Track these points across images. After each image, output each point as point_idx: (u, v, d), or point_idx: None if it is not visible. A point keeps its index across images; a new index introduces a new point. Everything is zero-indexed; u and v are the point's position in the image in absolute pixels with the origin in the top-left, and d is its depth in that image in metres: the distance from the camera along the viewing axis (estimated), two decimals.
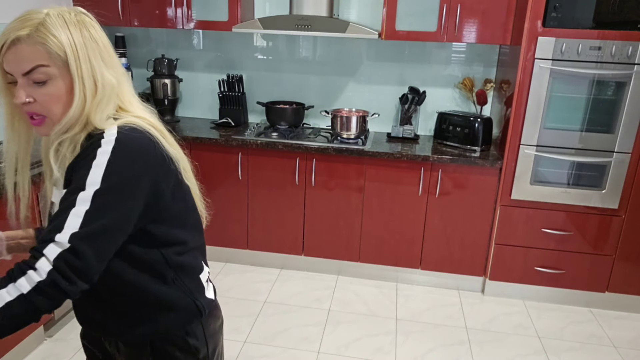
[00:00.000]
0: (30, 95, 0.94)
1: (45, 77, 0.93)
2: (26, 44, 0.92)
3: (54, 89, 0.94)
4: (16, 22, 0.94)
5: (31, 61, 0.92)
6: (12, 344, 2.19)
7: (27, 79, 0.93)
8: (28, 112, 0.96)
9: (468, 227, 2.91)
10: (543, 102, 2.62)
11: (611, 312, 2.88)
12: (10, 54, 0.92)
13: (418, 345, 2.52)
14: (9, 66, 0.93)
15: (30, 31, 0.92)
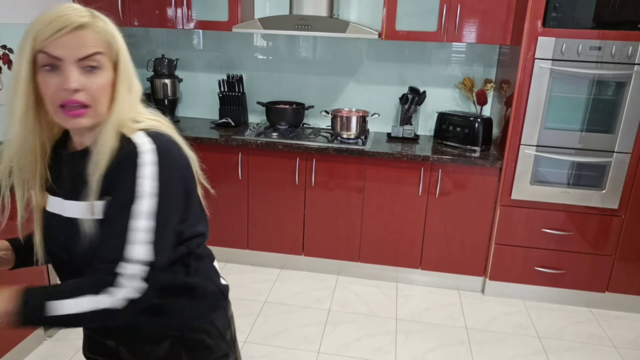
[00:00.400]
0: (81, 84, 0.90)
1: (99, 66, 0.92)
2: (90, 31, 0.91)
3: (103, 79, 0.93)
4: (68, 10, 0.90)
5: (93, 47, 0.90)
6: (12, 344, 2.19)
7: (78, 65, 0.90)
8: (71, 100, 0.89)
9: (468, 227, 2.91)
10: (543, 102, 2.62)
11: (611, 312, 2.88)
12: (71, 37, 0.88)
13: (418, 345, 2.52)
14: (62, 50, 0.88)
15: (91, 20, 0.92)
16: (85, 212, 0.95)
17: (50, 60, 0.89)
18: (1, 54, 2.62)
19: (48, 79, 0.89)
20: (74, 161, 0.99)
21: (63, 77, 0.89)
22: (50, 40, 0.88)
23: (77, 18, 0.89)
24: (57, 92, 0.89)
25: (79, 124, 0.92)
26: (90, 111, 0.92)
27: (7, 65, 2.66)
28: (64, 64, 0.89)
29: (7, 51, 2.65)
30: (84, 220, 0.95)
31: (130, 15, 3.07)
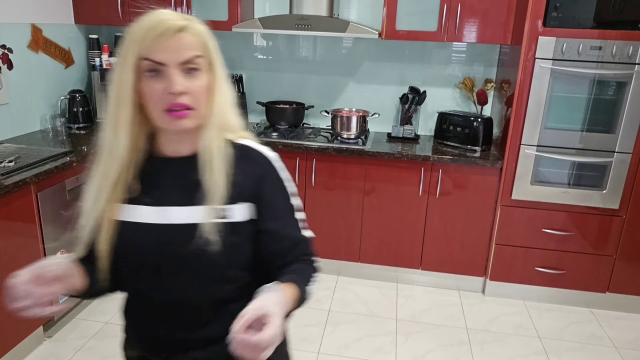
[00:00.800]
0: (185, 87, 0.91)
1: (199, 68, 0.92)
2: (189, 33, 0.91)
3: (202, 81, 0.93)
4: (166, 15, 0.92)
5: (193, 50, 0.91)
6: (12, 344, 2.18)
7: (179, 69, 0.90)
8: (177, 104, 0.90)
9: (468, 228, 2.90)
10: (543, 102, 2.62)
11: (612, 313, 2.87)
12: (172, 41, 0.89)
13: (418, 345, 2.52)
14: (164, 54, 0.89)
15: (189, 23, 0.92)
16: (207, 216, 0.94)
17: (154, 66, 0.89)
18: (1, 54, 2.61)
19: (153, 85, 0.90)
20: (180, 167, 0.99)
21: (167, 82, 0.89)
22: (153, 46, 0.89)
23: (175, 21, 0.90)
24: (162, 97, 0.90)
25: (183, 125, 0.92)
26: (194, 113, 0.93)
27: (6, 65, 2.66)
28: (167, 69, 0.89)
29: (6, 51, 2.65)
30: (205, 225, 0.94)
31: (129, 15, 3.06)
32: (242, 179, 0.97)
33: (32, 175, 2.15)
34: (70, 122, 3.05)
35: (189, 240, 0.94)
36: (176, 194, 0.98)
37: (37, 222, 2.24)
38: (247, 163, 0.99)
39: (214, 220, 0.94)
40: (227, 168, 0.96)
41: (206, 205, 0.95)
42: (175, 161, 1.00)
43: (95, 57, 3.16)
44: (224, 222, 0.95)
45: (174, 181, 0.99)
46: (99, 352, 2.36)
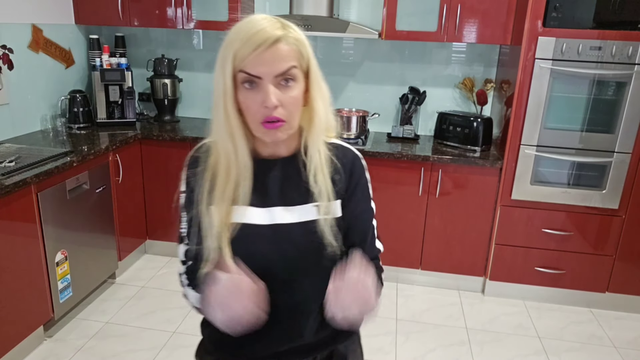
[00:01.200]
0: (278, 99, 0.90)
1: (294, 79, 0.91)
2: (284, 43, 0.89)
3: (297, 92, 0.92)
4: (264, 23, 0.89)
5: (288, 61, 0.90)
6: (12, 344, 2.19)
7: (275, 81, 0.89)
8: (271, 117, 0.90)
9: (468, 227, 2.90)
10: (543, 102, 2.62)
11: (611, 313, 2.88)
12: (267, 54, 0.88)
13: (418, 345, 2.52)
14: (260, 68, 0.88)
15: (284, 31, 0.90)
16: (317, 213, 0.98)
17: (250, 78, 0.89)
18: (1, 54, 2.62)
19: (249, 96, 0.90)
20: (282, 168, 1.01)
21: (263, 94, 0.89)
22: (249, 59, 0.88)
23: (272, 31, 0.88)
24: (259, 109, 0.90)
25: (277, 137, 0.93)
26: (286, 125, 0.92)
27: (7, 65, 2.66)
28: (262, 82, 0.89)
29: (7, 51, 2.65)
30: (319, 221, 0.98)
31: (130, 15, 3.07)
32: (338, 177, 1.01)
33: (32, 175, 2.15)
34: (70, 122, 3.05)
35: (302, 239, 0.97)
36: (282, 194, 1.00)
37: (37, 222, 2.24)
38: (342, 162, 1.02)
39: (325, 216, 0.98)
40: (330, 168, 1.00)
41: (314, 203, 0.98)
42: (275, 162, 1.01)
43: (95, 57, 3.16)
44: (330, 218, 0.99)
45: (277, 182, 1.01)
46: (99, 352, 2.36)
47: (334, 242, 0.98)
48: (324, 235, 0.97)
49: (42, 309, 2.33)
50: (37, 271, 2.27)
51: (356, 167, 1.05)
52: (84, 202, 2.57)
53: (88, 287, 2.69)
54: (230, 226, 0.97)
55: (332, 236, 0.98)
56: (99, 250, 2.75)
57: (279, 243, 0.98)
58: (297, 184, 0.99)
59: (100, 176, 2.68)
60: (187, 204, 1.03)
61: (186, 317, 2.63)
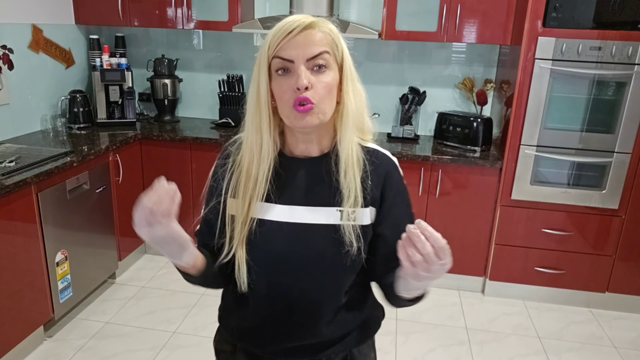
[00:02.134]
0: (310, 82, 0.91)
1: (326, 65, 0.93)
2: (318, 30, 0.93)
3: (330, 78, 0.93)
4: (296, 16, 0.94)
5: (320, 45, 0.92)
6: (12, 343, 2.19)
7: (307, 65, 0.91)
8: (302, 98, 0.90)
9: (468, 228, 2.90)
10: (543, 102, 2.62)
11: (611, 313, 2.88)
12: (300, 37, 0.91)
13: (418, 345, 2.52)
14: (293, 51, 0.91)
15: (318, 20, 0.95)
16: (341, 218, 0.97)
17: (283, 64, 0.91)
18: (1, 54, 2.62)
19: (282, 82, 0.92)
20: (311, 167, 1.00)
21: (295, 77, 0.91)
22: (283, 44, 0.91)
23: (304, 19, 0.93)
24: (290, 93, 0.91)
25: (307, 122, 0.92)
26: (315, 109, 0.92)
27: (7, 65, 2.66)
28: (294, 66, 0.91)
29: (7, 51, 2.65)
30: (342, 225, 0.96)
31: (130, 15, 3.07)
32: (372, 183, 0.99)
33: (32, 175, 2.15)
34: (70, 122, 3.05)
35: (321, 241, 0.97)
36: (308, 193, 0.99)
37: (37, 222, 2.24)
38: (375, 167, 1.01)
39: (347, 222, 0.96)
40: (361, 172, 0.98)
41: (339, 207, 0.97)
42: (305, 161, 1.01)
43: (95, 58, 3.16)
44: (354, 224, 0.97)
45: (305, 181, 1.00)
46: (99, 352, 2.36)
47: (354, 249, 0.96)
48: (344, 240, 0.96)
49: (42, 309, 2.33)
50: (37, 271, 2.27)
51: (393, 174, 1.04)
52: (84, 202, 2.57)
53: (88, 287, 2.69)
54: (250, 221, 0.97)
55: (353, 243, 0.96)
56: (99, 250, 2.75)
57: (297, 242, 0.98)
58: (324, 185, 0.98)
59: (100, 176, 2.68)
60: (209, 195, 1.05)
61: (186, 317, 2.63)
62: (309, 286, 1.00)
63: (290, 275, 0.99)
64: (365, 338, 1.12)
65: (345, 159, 0.97)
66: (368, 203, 0.99)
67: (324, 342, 1.05)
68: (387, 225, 1.01)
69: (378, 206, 1.01)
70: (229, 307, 1.11)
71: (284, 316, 1.02)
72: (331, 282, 1.00)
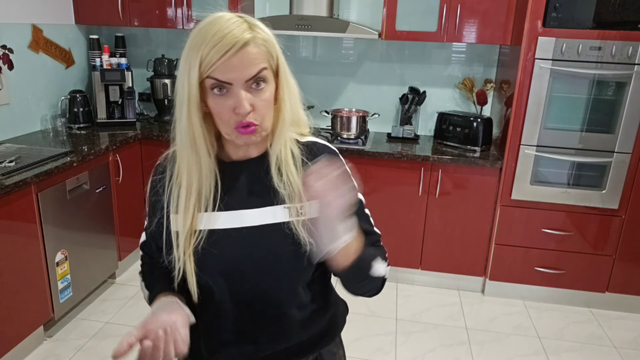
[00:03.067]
0: (250, 103, 0.87)
1: (264, 82, 0.88)
2: (252, 46, 0.85)
3: (268, 94, 0.89)
4: (231, 26, 0.85)
5: (258, 64, 0.86)
6: (12, 343, 2.19)
7: (246, 85, 0.86)
8: (245, 122, 0.87)
9: (468, 227, 2.90)
10: (543, 102, 2.62)
11: (611, 312, 2.88)
12: (235, 59, 0.84)
13: (418, 345, 2.52)
14: (230, 74, 0.84)
15: (252, 33, 0.86)
16: (289, 215, 0.94)
17: (219, 84, 0.86)
18: (1, 54, 2.62)
19: (220, 102, 0.87)
20: (251, 169, 0.98)
21: (234, 100, 0.86)
22: (218, 65, 0.84)
23: (240, 34, 0.84)
24: (231, 115, 0.87)
25: (251, 141, 0.91)
26: (259, 128, 0.90)
27: (7, 65, 2.66)
28: (233, 88, 0.86)
29: (7, 51, 2.65)
30: (292, 222, 0.94)
31: (130, 15, 3.07)
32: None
33: (32, 175, 2.16)
34: (70, 122, 3.05)
35: (274, 241, 0.95)
36: (251, 196, 0.97)
37: (37, 222, 2.24)
38: (315, 159, 0.98)
39: (294, 218, 0.94)
40: (299, 166, 0.97)
41: (284, 204, 0.95)
42: (244, 164, 0.98)
43: (95, 58, 3.16)
44: (303, 219, 0.94)
45: (246, 184, 0.98)
46: (99, 352, 2.36)
47: (308, 244, 0.93)
48: (297, 237, 0.94)
49: (42, 309, 2.33)
50: (37, 271, 2.27)
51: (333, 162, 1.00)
52: (84, 202, 2.57)
53: (88, 287, 2.69)
54: (196, 234, 0.95)
55: (306, 238, 0.93)
56: (99, 250, 2.75)
57: (251, 246, 0.95)
58: (266, 185, 0.96)
59: (100, 176, 2.68)
60: (151, 210, 1.02)
61: None
62: (270, 288, 0.97)
63: (249, 282, 0.97)
64: (333, 336, 1.12)
65: (277, 157, 0.95)
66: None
67: (294, 346, 1.04)
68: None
69: None
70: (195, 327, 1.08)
71: (252, 325, 1.00)
72: (291, 281, 0.98)
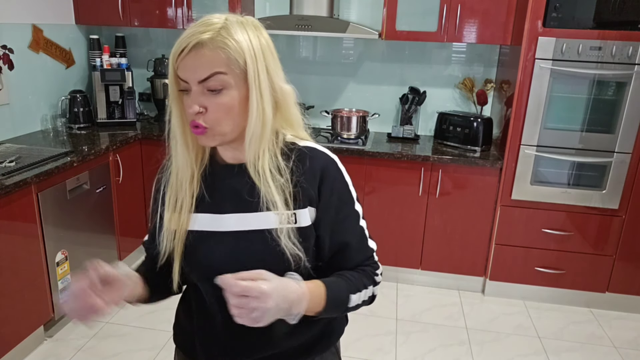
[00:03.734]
0: (202, 105, 0.88)
1: (221, 86, 0.87)
2: (208, 49, 0.86)
3: (228, 98, 0.88)
4: (197, 27, 0.87)
5: (210, 68, 0.86)
6: (12, 344, 2.19)
7: (201, 87, 0.87)
8: (192, 122, 0.89)
9: (468, 227, 2.90)
10: (543, 102, 2.62)
11: (611, 313, 2.88)
12: (189, 59, 0.86)
13: (418, 345, 2.52)
14: (185, 73, 0.87)
15: (213, 35, 0.86)
16: (275, 222, 0.93)
17: (181, 83, 0.89)
18: (1, 54, 2.62)
19: (184, 100, 0.91)
20: (241, 174, 0.96)
21: (189, 99, 0.89)
22: (179, 62, 0.88)
23: (197, 36, 0.85)
24: (189, 112, 0.89)
25: (205, 143, 0.92)
26: (209, 132, 0.89)
27: (7, 65, 2.66)
28: (189, 87, 0.88)
29: (7, 51, 2.65)
30: (278, 229, 0.93)
31: (130, 15, 3.07)
32: (305, 182, 0.95)
33: (32, 175, 2.16)
34: (70, 122, 3.05)
35: (259, 247, 0.94)
36: (234, 201, 0.96)
37: (37, 222, 2.24)
38: (309, 166, 0.95)
39: (284, 225, 0.93)
40: (285, 173, 0.94)
41: (266, 211, 0.93)
42: (234, 168, 0.98)
43: (95, 58, 3.16)
44: (291, 227, 0.93)
45: (232, 188, 0.97)
46: (99, 352, 2.36)
47: (295, 252, 0.93)
48: (282, 244, 0.92)
49: (43, 309, 2.33)
50: (37, 271, 2.27)
51: (329, 172, 0.97)
52: (84, 202, 2.57)
53: None
54: (184, 234, 0.96)
55: (293, 245, 0.93)
56: (99, 250, 2.75)
57: (236, 251, 0.95)
58: (254, 191, 0.94)
59: (100, 176, 2.68)
60: (153, 207, 1.04)
61: None
62: None
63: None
64: (328, 345, 1.10)
65: (254, 166, 0.93)
66: (306, 203, 0.95)
67: (285, 352, 1.02)
68: (323, 227, 0.97)
69: (316, 206, 0.96)
70: (185, 326, 1.09)
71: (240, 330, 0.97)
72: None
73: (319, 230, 0.97)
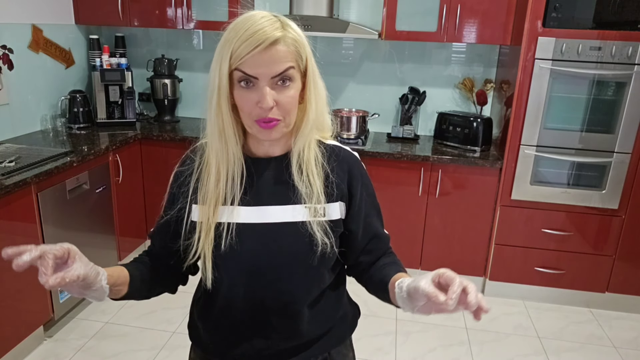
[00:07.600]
0: (274, 99, 0.89)
1: (291, 78, 0.91)
2: (283, 44, 0.88)
3: (293, 91, 0.92)
4: (263, 23, 0.87)
5: (285, 62, 0.89)
6: (12, 344, 2.19)
7: (271, 82, 0.89)
8: (266, 118, 0.90)
9: (468, 228, 2.90)
10: (543, 103, 2.62)
11: (611, 313, 2.88)
12: (265, 54, 0.87)
13: (418, 345, 2.52)
14: (257, 69, 0.87)
15: (283, 32, 0.89)
16: (307, 215, 0.97)
17: (246, 78, 0.89)
18: (1, 54, 2.62)
19: (245, 95, 0.90)
20: (275, 167, 1.00)
21: (258, 94, 0.89)
22: (247, 59, 0.87)
23: (271, 32, 0.87)
24: (254, 108, 0.90)
25: (272, 136, 0.93)
26: (282, 124, 0.92)
27: (7, 65, 2.66)
28: (258, 82, 0.89)
29: (7, 51, 2.65)
30: (310, 222, 0.96)
31: (130, 15, 3.07)
32: (337, 178, 1.00)
33: (32, 175, 2.15)
34: (70, 122, 3.05)
35: (291, 239, 0.97)
36: (273, 193, 0.99)
37: (37, 222, 2.24)
38: (339, 163, 1.02)
39: (315, 218, 0.97)
40: (322, 168, 0.99)
41: (305, 204, 0.97)
42: (267, 161, 1.01)
43: (95, 58, 3.16)
44: (323, 220, 0.98)
45: (268, 181, 1.00)
46: (99, 352, 2.36)
47: (324, 245, 0.96)
48: (314, 237, 0.96)
49: (42, 309, 2.33)
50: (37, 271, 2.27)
51: (358, 169, 1.05)
52: (84, 202, 2.57)
53: None
54: (219, 226, 0.97)
55: (323, 238, 0.96)
56: (99, 250, 2.75)
57: (268, 242, 0.97)
58: (288, 184, 0.98)
59: (100, 176, 2.68)
60: (169, 201, 1.04)
61: (186, 317, 2.62)
62: (284, 285, 0.99)
63: (266, 277, 0.98)
64: (343, 337, 1.12)
65: (299, 156, 0.98)
66: (337, 198, 1.00)
67: (304, 343, 1.05)
68: (357, 221, 1.03)
69: (347, 201, 1.02)
70: (204, 320, 1.09)
71: (264, 321, 1.01)
72: (305, 279, 1.00)
73: (352, 224, 1.03)
